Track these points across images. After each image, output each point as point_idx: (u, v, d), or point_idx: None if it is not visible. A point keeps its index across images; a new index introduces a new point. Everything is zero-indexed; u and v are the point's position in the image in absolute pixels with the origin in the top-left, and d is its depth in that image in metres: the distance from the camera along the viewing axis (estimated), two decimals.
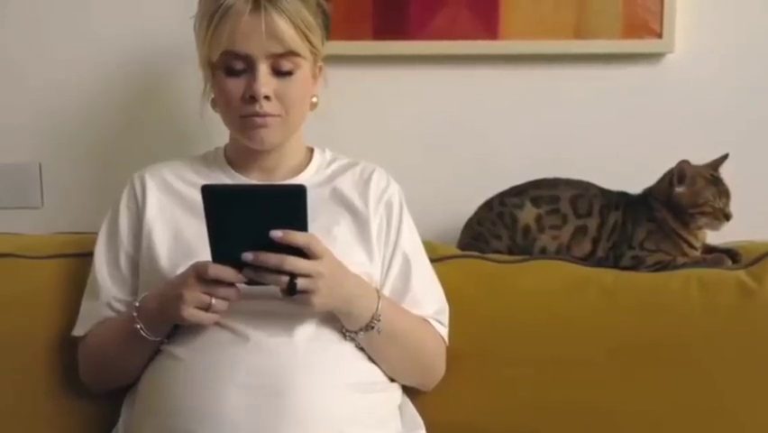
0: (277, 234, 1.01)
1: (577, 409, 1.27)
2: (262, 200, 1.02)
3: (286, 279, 1.03)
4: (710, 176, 1.36)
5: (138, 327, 1.12)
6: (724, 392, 1.25)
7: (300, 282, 1.03)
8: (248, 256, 1.02)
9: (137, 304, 1.14)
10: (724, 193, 1.35)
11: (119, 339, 1.17)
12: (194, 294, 1.06)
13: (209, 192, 1.01)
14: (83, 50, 1.57)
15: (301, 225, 1.02)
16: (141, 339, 1.13)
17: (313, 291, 1.04)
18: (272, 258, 1.02)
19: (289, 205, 1.01)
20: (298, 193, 1.00)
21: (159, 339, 1.14)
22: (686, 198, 1.35)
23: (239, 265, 1.03)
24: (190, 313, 1.06)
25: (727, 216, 1.35)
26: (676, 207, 1.36)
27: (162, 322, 1.12)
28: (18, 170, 1.61)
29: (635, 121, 1.55)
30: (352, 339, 1.15)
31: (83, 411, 1.29)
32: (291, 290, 1.03)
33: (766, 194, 1.52)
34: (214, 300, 1.06)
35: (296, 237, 1.02)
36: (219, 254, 1.04)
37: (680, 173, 1.35)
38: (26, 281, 1.34)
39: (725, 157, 1.38)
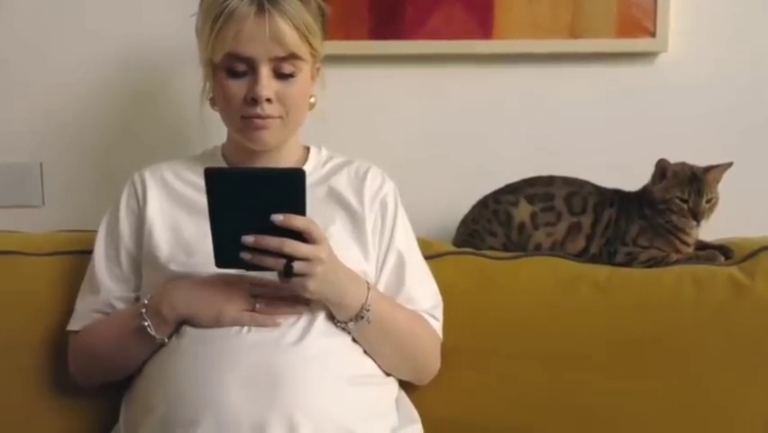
0: (278, 217, 1.03)
1: (571, 403, 1.28)
2: (262, 182, 1.04)
3: (283, 261, 1.05)
4: (690, 173, 1.34)
5: (146, 324, 1.13)
6: (716, 387, 1.26)
7: (297, 265, 1.05)
8: (248, 239, 1.04)
9: (146, 301, 1.15)
10: (696, 192, 1.32)
11: (120, 336, 1.18)
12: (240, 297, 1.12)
13: (211, 174, 1.04)
14: (83, 51, 1.59)
15: (300, 209, 1.04)
16: (144, 337, 1.14)
17: (309, 276, 1.06)
18: (272, 241, 1.04)
19: (288, 187, 1.03)
20: (297, 176, 1.03)
21: (162, 339, 1.14)
22: (657, 193, 1.35)
23: (237, 249, 1.05)
24: (231, 311, 1.11)
25: (696, 215, 1.32)
26: (651, 203, 1.36)
27: (175, 320, 1.13)
28: (19, 169, 1.62)
29: (629, 119, 1.56)
30: (343, 329, 1.15)
31: (83, 410, 1.29)
32: (287, 273, 1.05)
33: (758, 191, 1.53)
34: (258, 305, 1.11)
35: (296, 221, 1.04)
36: (220, 238, 1.06)
37: (661, 170, 1.36)
38: (27, 278, 1.35)
39: (728, 164, 1.35)
